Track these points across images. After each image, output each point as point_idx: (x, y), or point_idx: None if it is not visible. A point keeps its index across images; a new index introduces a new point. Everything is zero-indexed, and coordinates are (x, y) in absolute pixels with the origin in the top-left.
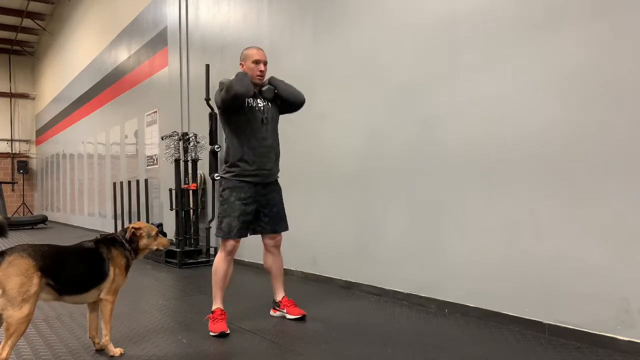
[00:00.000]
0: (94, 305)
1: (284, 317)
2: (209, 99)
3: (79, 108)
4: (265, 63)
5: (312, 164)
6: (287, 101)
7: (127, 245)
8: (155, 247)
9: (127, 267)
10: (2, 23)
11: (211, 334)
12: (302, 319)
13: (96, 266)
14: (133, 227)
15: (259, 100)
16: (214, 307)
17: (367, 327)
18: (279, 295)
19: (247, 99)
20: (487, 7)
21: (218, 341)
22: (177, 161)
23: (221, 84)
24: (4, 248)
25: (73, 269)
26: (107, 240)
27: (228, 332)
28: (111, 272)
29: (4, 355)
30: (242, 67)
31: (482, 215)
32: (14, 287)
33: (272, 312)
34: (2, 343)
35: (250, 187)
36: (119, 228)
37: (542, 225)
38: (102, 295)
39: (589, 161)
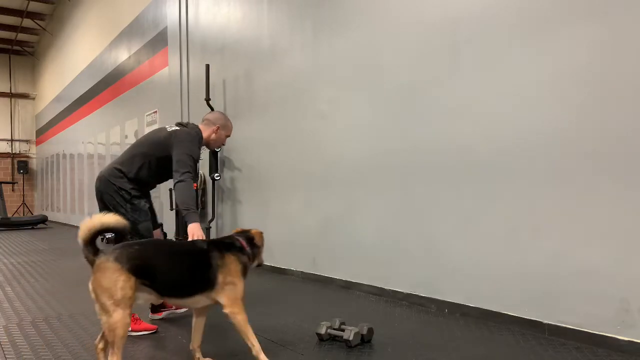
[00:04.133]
0: (200, 311)
1: (284, 316)
2: (209, 99)
3: (79, 108)
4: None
5: (312, 164)
6: None
7: (247, 249)
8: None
9: (244, 273)
10: (2, 23)
11: (139, 334)
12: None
13: (201, 271)
14: (262, 235)
15: None
16: None
17: None
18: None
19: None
20: (487, 7)
21: (218, 341)
22: None
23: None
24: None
25: (170, 272)
26: (224, 245)
27: (156, 327)
28: (220, 280)
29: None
30: (217, 129)
31: (482, 215)
32: (103, 293)
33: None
34: (110, 352)
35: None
36: None
37: (542, 225)
38: (226, 310)
39: (589, 161)
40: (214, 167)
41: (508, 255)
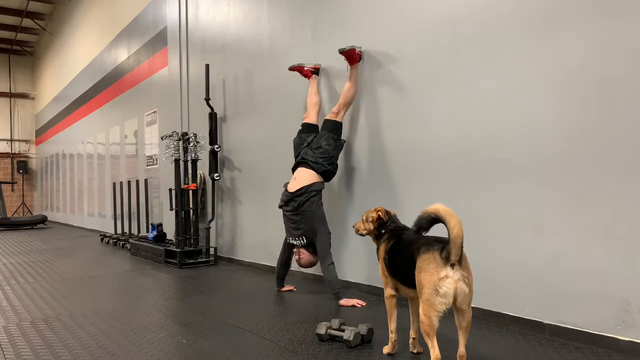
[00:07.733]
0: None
1: (284, 315)
2: (209, 99)
3: (79, 108)
4: None
5: None
6: None
7: None
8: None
9: None
10: (2, 23)
11: None
12: None
13: None
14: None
15: None
16: None
17: None
18: None
19: None
20: (487, 6)
21: (218, 341)
22: (177, 161)
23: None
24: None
25: None
26: None
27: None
28: None
29: (463, 351)
30: None
31: (481, 215)
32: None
33: None
34: (461, 339)
35: None
36: (119, 228)
37: (542, 225)
38: None
39: (589, 161)
40: (213, 167)
41: (508, 255)
